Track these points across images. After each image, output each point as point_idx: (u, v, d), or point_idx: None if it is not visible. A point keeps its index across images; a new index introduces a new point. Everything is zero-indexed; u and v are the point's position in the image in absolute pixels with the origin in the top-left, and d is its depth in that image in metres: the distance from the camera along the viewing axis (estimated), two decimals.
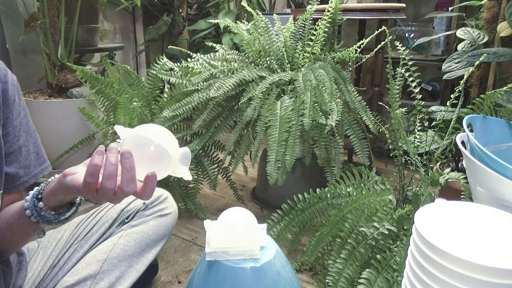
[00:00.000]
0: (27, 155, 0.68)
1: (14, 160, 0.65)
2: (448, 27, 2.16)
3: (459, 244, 0.58)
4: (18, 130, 0.66)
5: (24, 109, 0.68)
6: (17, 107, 0.66)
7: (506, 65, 1.27)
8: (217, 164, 1.44)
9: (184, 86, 1.32)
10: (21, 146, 0.66)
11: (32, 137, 0.70)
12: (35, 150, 0.70)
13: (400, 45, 1.09)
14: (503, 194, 0.75)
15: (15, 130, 0.65)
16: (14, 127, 0.65)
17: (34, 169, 0.69)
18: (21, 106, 0.67)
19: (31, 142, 0.69)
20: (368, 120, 1.28)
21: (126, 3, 1.83)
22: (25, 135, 0.67)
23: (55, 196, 0.57)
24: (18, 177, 0.66)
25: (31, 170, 0.69)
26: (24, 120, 0.68)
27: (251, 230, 0.75)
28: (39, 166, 0.70)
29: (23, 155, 0.67)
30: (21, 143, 0.66)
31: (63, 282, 0.74)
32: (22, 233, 0.62)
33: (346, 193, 1.08)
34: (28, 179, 0.68)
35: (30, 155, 0.69)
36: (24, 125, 0.68)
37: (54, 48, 1.57)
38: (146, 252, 0.85)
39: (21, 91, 0.70)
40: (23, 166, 0.67)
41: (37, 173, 0.70)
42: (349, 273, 0.92)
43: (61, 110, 1.55)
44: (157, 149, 0.55)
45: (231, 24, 1.36)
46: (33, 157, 0.69)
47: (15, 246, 0.67)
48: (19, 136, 0.66)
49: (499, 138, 0.98)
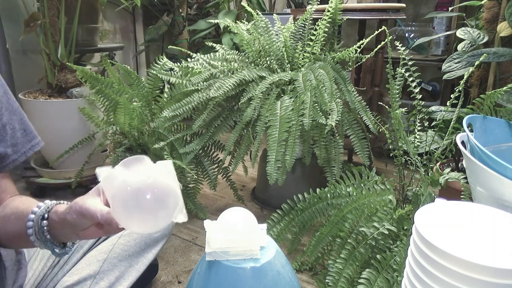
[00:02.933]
0: (13, 133, 0.66)
1: (0, 139, 0.64)
2: (448, 27, 2.16)
3: (459, 244, 0.58)
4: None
5: (2, 87, 0.65)
6: None
7: (506, 65, 1.27)
8: (217, 164, 1.44)
9: (184, 86, 1.32)
10: (5, 124, 0.64)
11: (16, 114, 0.67)
12: (22, 127, 0.68)
13: (400, 45, 1.09)
14: (503, 194, 0.75)
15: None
16: None
17: (22, 147, 0.68)
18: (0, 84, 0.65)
19: (15, 119, 0.67)
20: (368, 120, 1.28)
21: (126, 3, 1.83)
22: (8, 113, 0.65)
23: (61, 226, 0.56)
24: (7, 156, 0.65)
25: (20, 148, 0.67)
26: (4, 98, 0.65)
27: (251, 230, 0.75)
28: (28, 143, 0.69)
29: (8, 133, 0.65)
30: (5, 121, 0.64)
31: (63, 282, 0.74)
32: (23, 245, 0.62)
33: (346, 193, 1.08)
34: (18, 157, 0.67)
35: (16, 132, 0.67)
36: (5, 103, 0.65)
37: (54, 48, 1.57)
38: (146, 252, 0.85)
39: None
40: (11, 144, 0.65)
41: (27, 150, 0.68)
42: (349, 273, 0.92)
43: (61, 110, 1.55)
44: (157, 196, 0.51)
45: (231, 24, 1.36)
46: (20, 134, 0.67)
47: (13, 247, 0.67)
48: (1, 115, 0.64)
49: (499, 138, 0.98)
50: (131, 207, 0.50)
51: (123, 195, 0.50)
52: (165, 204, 0.52)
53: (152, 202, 0.51)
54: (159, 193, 0.51)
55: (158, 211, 0.52)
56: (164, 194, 0.52)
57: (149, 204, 0.50)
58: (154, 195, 0.51)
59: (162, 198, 0.52)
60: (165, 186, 0.52)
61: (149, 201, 0.50)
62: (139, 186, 0.51)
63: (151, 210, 0.51)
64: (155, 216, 0.52)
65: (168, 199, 0.52)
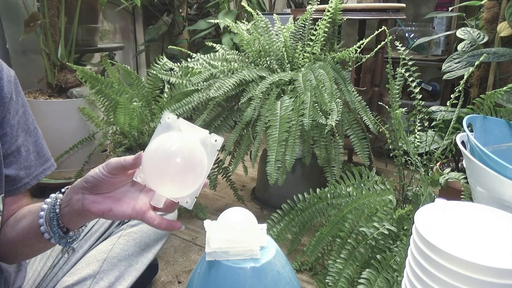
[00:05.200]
0: (27, 155, 0.66)
1: (14, 161, 0.63)
2: (448, 27, 2.16)
3: (459, 244, 0.58)
4: (16, 130, 0.63)
5: (23, 106, 0.65)
6: (15, 104, 0.63)
7: (506, 65, 1.27)
8: (217, 164, 1.44)
9: (184, 86, 1.32)
10: (19, 146, 0.64)
11: (32, 135, 0.67)
12: (36, 150, 0.68)
13: (400, 45, 1.09)
14: (503, 194, 0.75)
15: (13, 130, 0.62)
16: (12, 127, 0.62)
17: (35, 170, 0.67)
18: (19, 104, 0.64)
19: (30, 141, 0.66)
20: (368, 120, 1.28)
21: (126, 3, 1.83)
22: (23, 134, 0.65)
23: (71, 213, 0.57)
24: (19, 179, 0.64)
25: (32, 171, 0.66)
26: (22, 118, 0.65)
27: (251, 230, 0.75)
28: (40, 166, 0.68)
29: (22, 155, 0.64)
30: (20, 143, 0.64)
31: (63, 282, 0.74)
32: (38, 247, 0.62)
33: (346, 193, 1.08)
34: (30, 180, 0.66)
35: (30, 155, 0.66)
36: (22, 124, 0.65)
37: (54, 48, 1.57)
38: (145, 251, 0.85)
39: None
40: (24, 167, 0.65)
41: (39, 173, 0.67)
42: (349, 273, 0.92)
43: (61, 110, 1.55)
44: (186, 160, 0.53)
45: (231, 24, 1.36)
46: (33, 157, 0.67)
47: (25, 257, 0.66)
48: (17, 136, 0.63)
49: (499, 138, 0.98)
50: (155, 165, 0.53)
51: (151, 154, 0.54)
52: (190, 169, 0.54)
53: (176, 165, 0.53)
54: (185, 158, 0.53)
55: (180, 175, 0.54)
56: (191, 161, 0.54)
57: (174, 166, 0.53)
58: (181, 159, 0.53)
59: (190, 162, 0.54)
60: (193, 154, 0.55)
61: (172, 163, 0.53)
62: (167, 148, 0.53)
63: (174, 173, 0.53)
64: (179, 180, 0.54)
65: (193, 167, 0.54)
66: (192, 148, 0.55)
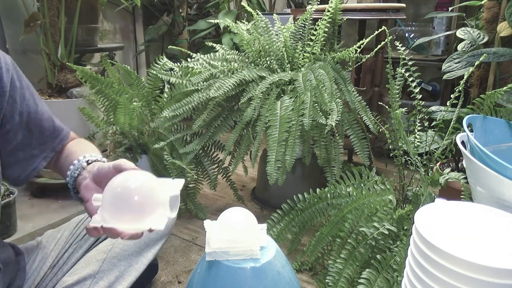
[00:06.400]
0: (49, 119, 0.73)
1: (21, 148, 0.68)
2: (448, 27, 2.16)
3: (459, 244, 0.58)
4: (19, 121, 0.66)
5: (27, 89, 0.67)
6: (19, 90, 0.65)
7: (506, 65, 1.27)
8: (217, 164, 1.44)
9: (184, 86, 1.32)
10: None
11: (39, 114, 0.70)
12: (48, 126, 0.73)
13: (400, 45, 1.09)
14: (503, 194, 0.75)
15: (16, 122, 0.65)
16: (21, 114, 0.65)
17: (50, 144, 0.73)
18: (24, 87, 0.66)
19: (42, 119, 0.71)
20: (368, 120, 1.28)
21: (126, 3, 1.83)
22: (27, 124, 0.68)
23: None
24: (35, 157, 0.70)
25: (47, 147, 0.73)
26: (30, 101, 0.67)
27: (251, 230, 0.75)
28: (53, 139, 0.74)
29: (34, 134, 0.69)
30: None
31: (63, 282, 0.74)
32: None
33: (346, 193, 1.08)
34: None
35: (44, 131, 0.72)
36: (32, 104, 0.68)
37: (54, 48, 1.57)
38: (145, 251, 0.85)
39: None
40: (40, 143, 0.71)
41: (55, 145, 0.74)
42: (349, 273, 0.92)
43: (61, 110, 1.55)
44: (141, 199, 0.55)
45: (231, 24, 1.36)
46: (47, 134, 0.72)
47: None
48: (21, 125, 0.66)
49: (499, 138, 0.98)
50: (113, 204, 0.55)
51: (110, 193, 0.56)
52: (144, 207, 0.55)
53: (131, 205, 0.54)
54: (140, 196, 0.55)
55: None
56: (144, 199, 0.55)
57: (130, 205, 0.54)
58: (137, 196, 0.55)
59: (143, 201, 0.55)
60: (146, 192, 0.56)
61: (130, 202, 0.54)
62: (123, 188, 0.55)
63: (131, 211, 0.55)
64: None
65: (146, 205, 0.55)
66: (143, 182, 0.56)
